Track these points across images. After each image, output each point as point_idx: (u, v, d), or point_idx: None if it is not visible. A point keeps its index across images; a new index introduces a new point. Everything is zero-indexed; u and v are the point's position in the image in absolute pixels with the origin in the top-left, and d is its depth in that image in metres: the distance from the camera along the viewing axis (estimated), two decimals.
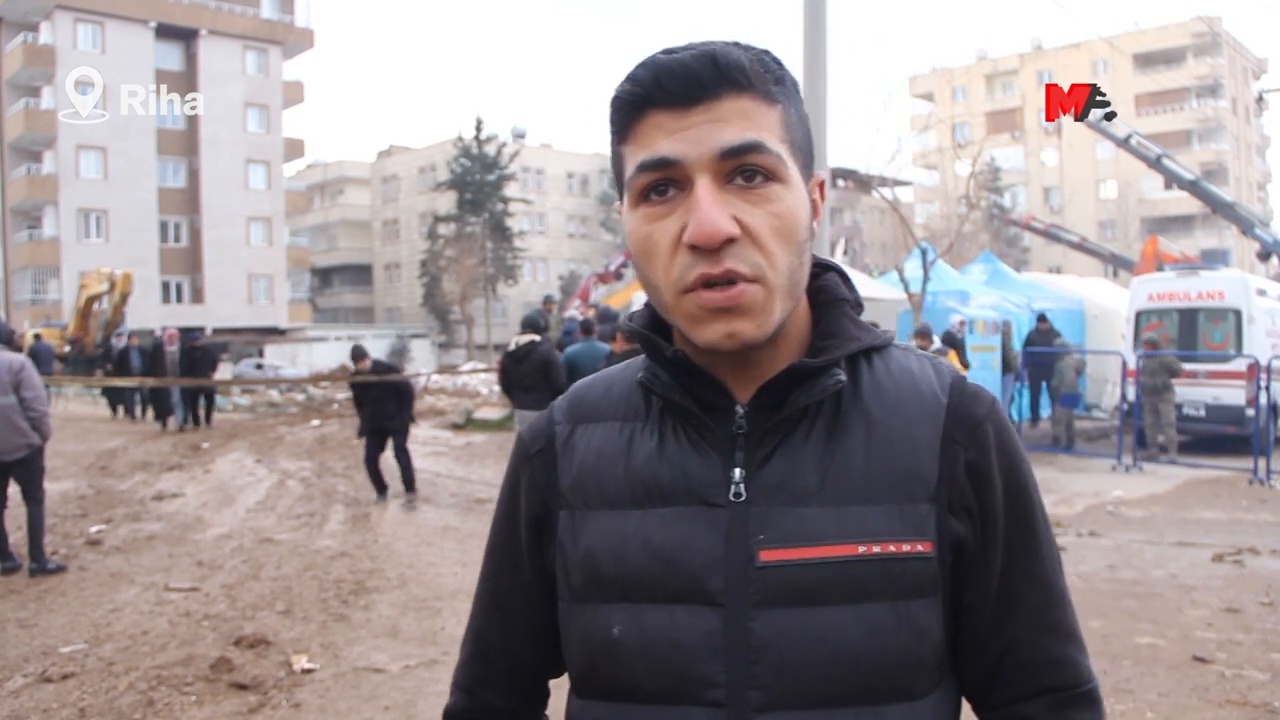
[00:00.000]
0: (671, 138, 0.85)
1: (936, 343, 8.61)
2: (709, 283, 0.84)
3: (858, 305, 0.98)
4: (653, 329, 0.95)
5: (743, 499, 0.88)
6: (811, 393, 0.89)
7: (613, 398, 0.99)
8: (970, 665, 0.95)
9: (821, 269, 0.99)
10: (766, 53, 0.90)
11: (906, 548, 0.87)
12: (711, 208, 0.83)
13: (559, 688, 1.06)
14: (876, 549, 0.87)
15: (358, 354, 9.17)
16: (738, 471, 0.89)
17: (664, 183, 0.86)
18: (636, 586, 0.89)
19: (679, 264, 0.85)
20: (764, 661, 0.86)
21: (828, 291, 0.97)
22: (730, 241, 0.83)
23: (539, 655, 1.02)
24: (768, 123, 0.86)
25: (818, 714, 0.86)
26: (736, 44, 0.88)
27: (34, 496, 6.40)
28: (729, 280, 0.84)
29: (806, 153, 0.92)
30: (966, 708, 1.00)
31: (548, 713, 1.11)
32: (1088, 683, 0.95)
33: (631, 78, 0.87)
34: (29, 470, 6.37)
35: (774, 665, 0.85)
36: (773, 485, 0.89)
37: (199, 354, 16.03)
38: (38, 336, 20.78)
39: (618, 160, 0.91)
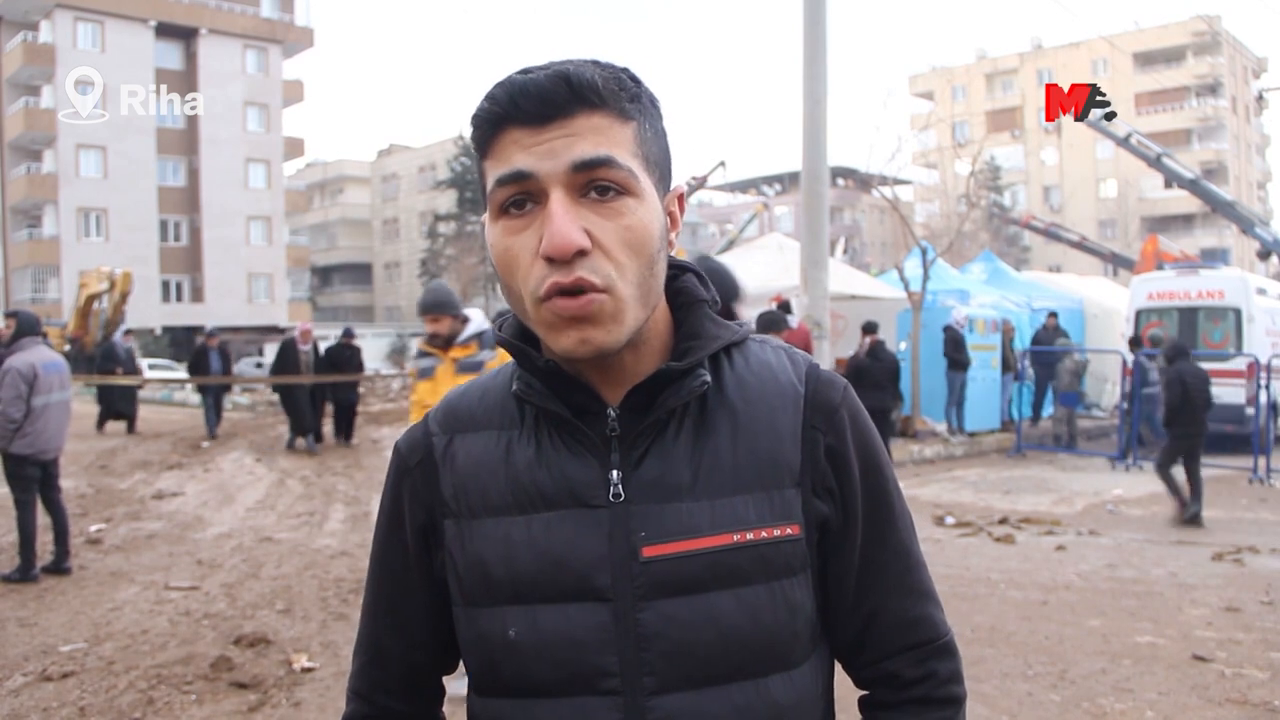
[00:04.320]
0: (527, 152, 0.89)
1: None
2: (562, 291, 0.88)
3: (715, 304, 1.03)
4: (522, 339, 0.99)
5: (622, 499, 0.94)
6: (679, 394, 0.94)
7: (488, 406, 1.02)
8: (840, 630, 1.03)
9: (679, 270, 1.03)
10: (625, 71, 0.94)
11: (777, 532, 0.94)
12: (563, 220, 0.86)
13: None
14: (750, 536, 0.93)
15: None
16: (615, 473, 0.94)
17: (521, 197, 0.90)
18: (528, 588, 0.94)
19: (535, 274, 0.89)
20: (654, 649, 0.92)
21: (687, 293, 1.02)
22: (582, 253, 0.87)
23: (432, 657, 1.07)
24: (620, 138, 0.90)
25: (707, 692, 0.92)
26: (595, 63, 0.92)
27: (58, 498, 6.43)
28: (580, 289, 0.87)
29: (663, 167, 0.96)
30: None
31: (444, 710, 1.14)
32: (944, 636, 1.03)
33: (489, 97, 0.90)
34: (56, 468, 6.42)
35: (664, 651, 0.92)
36: (649, 483, 0.94)
37: (350, 353, 13.60)
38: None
39: (481, 176, 0.94)
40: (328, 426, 13.62)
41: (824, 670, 1.02)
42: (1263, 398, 11.62)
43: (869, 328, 12.05)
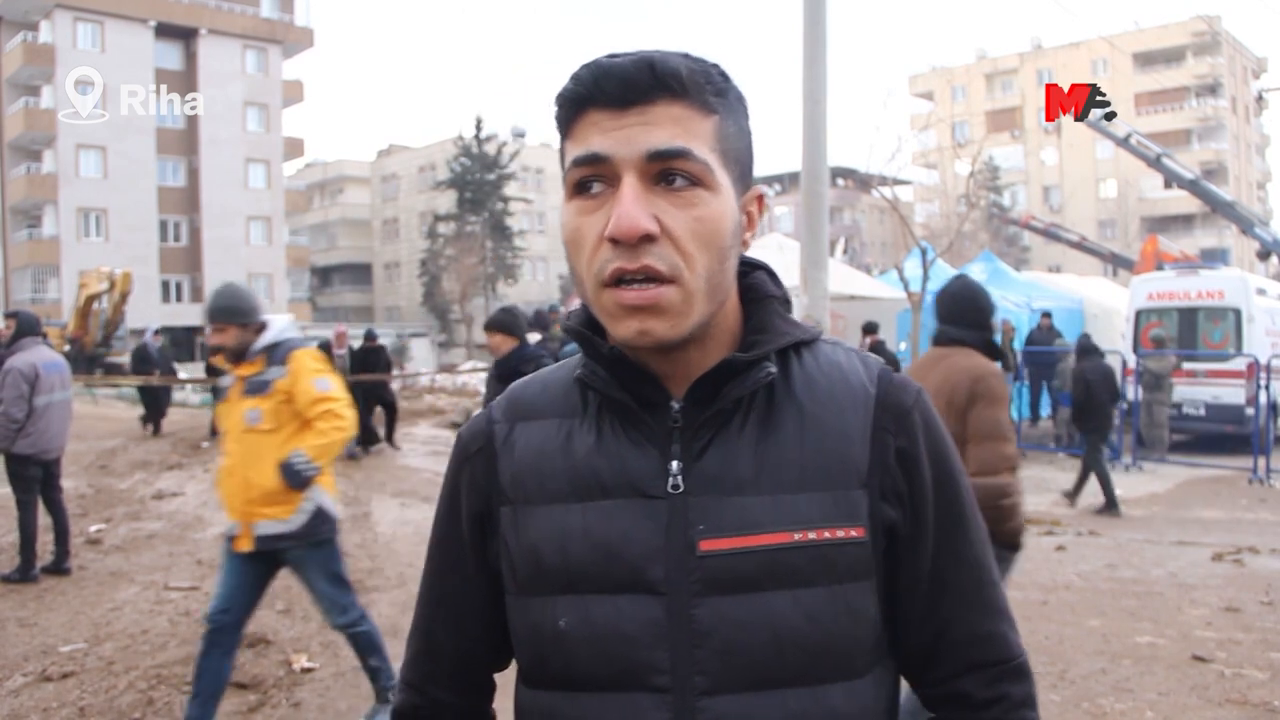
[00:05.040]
0: (604, 135, 0.88)
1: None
2: (626, 279, 0.87)
3: (786, 302, 1.02)
4: (590, 327, 0.98)
5: (680, 490, 0.92)
6: (744, 385, 0.93)
7: (550, 395, 1.02)
8: (907, 644, 0.98)
9: (750, 268, 1.02)
10: (715, 66, 0.93)
11: (840, 533, 0.91)
12: (632, 204, 0.86)
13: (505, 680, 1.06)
14: (812, 535, 0.90)
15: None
16: (675, 464, 0.92)
17: (595, 178, 0.89)
18: (580, 578, 0.92)
19: (600, 258, 0.88)
20: (707, 647, 0.89)
21: (757, 289, 1.01)
22: (650, 240, 0.86)
23: (485, 650, 1.05)
24: (699, 131, 0.89)
25: (761, 696, 0.89)
26: (684, 55, 0.91)
27: (59, 498, 6.43)
28: (646, 278, 0.87)
29: (743, 165, 0.95)
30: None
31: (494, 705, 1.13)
32: (1018, 656, 0.99)
33: (574, 77, 0.90)
34: (58, 468, 6.42)
35: (717, 650, 0.89)
36: (710, 476, 0.92)
37: (374, 355, 13.25)
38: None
39: (562, 155, 0.94)
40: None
41: (889, 684, 0.98)
42: (1262, 398, 11.62)
43: (869, 328, 12.06)
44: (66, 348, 23.05)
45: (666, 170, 0.87)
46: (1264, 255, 22.66)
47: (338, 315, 54.85)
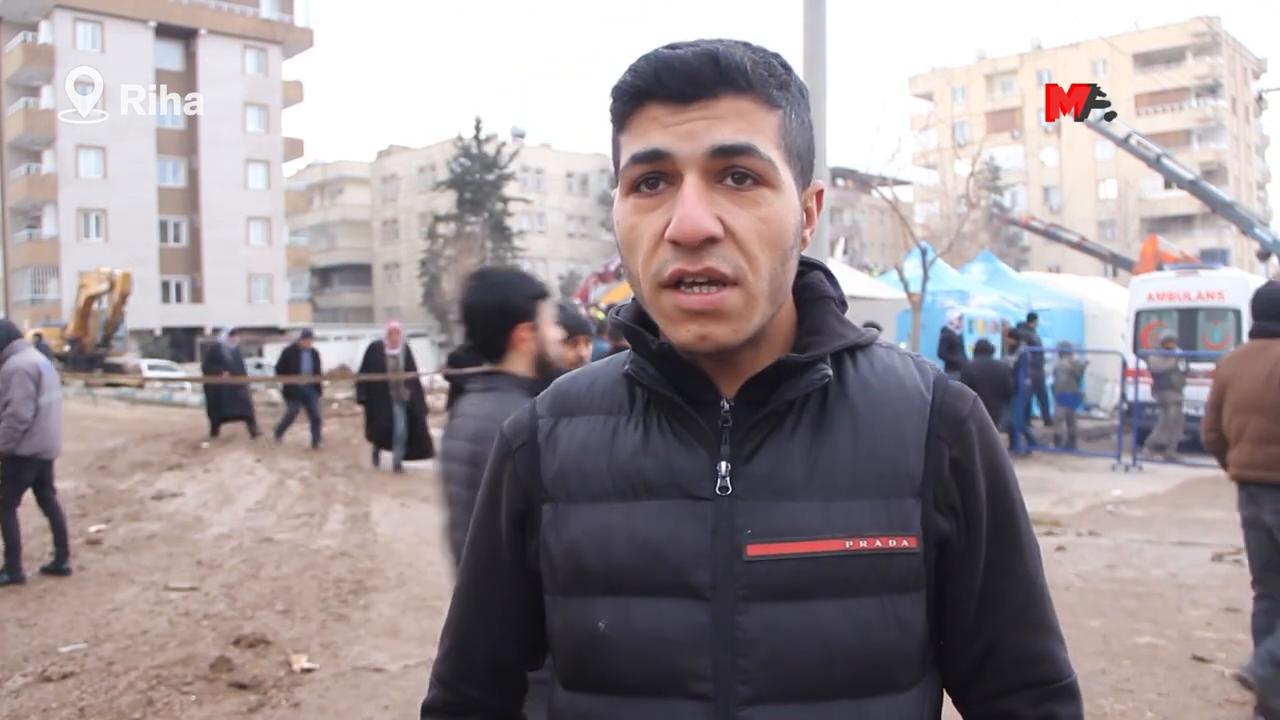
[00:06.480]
0: (666, 131, 0.85)
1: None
2: (686, 282, 0.84)
3: (842, 303, 0.98)
4: (639, 322, 0.95)
5: (729, 492, 0.89)
6: (798, 387, 0.90)
7: (596, 391, 0.99)
8: (954, 660, 0.96)
9: (807, 267, 0.99)
10: (777, 56, 0.90)
11: (893, 543, 0.88)
12: (696, 205, 0.83)
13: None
14: (863, 544, 0.87)
15: None
16: (723, 465, 0.90)
17: (655, 176, 0.86)
18: (622, 580, 0.90)
19: (659, 258, 0.85)
20: (752, 655, 0.86)
21: (813, 289, 0.98)
22: (713, 241, 0.83)
23: (518, 649, 1.03)
24: (764, 126, 0.86)
25: (804, 707, 0.87)
26: (746, 44, 0.89)
27: (55, 499, 6.41)
28: (707, 281, 0.84)
29: (805, 160, 0.92)
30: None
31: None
32: (1067, 676, 0.97)
33: (633, 69, 0.87)
34: (52, 470, 6.39)
35: (762, 659, 0.86)
36: (759, 479, 0.89)
37: (470, 362, 12.43)
38: (39, 336, 20.67)
39: (616, 149, 0.91)
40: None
41: (932, 699, 0.95)
42: None
43: (869, 329, 12.08)
44: (66, 348, 23.10)
45: (730, 168, 0.85)
46: (1264, 256, 22.64)
47: (338, 316, 54.98)
